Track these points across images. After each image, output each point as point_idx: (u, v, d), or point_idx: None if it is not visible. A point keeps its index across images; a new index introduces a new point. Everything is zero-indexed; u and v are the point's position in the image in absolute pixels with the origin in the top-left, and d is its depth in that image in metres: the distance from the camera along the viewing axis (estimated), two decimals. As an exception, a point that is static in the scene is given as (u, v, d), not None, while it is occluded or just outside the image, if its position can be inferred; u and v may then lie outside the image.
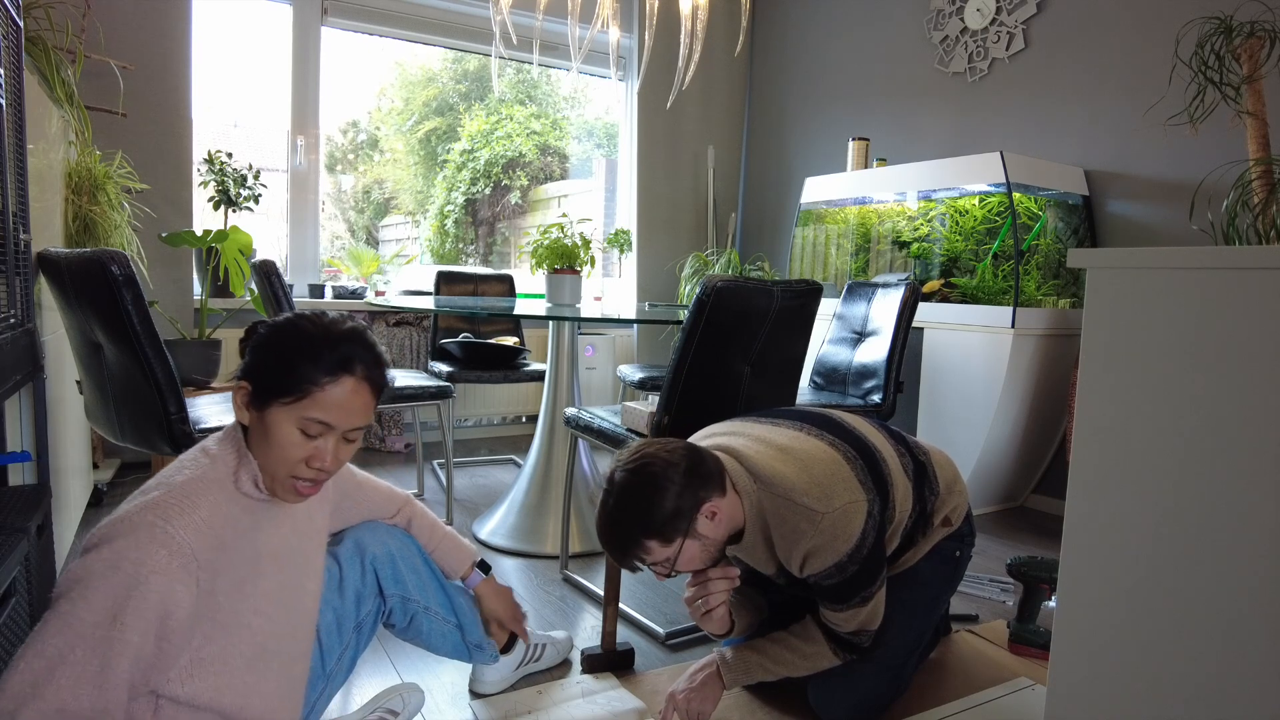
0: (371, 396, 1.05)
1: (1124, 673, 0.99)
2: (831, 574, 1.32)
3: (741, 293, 1.74)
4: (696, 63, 2.73)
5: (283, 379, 1.00)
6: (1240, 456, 0.88)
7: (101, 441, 2.93)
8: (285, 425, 1.00)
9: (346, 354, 1.02)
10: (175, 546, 0.91)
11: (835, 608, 1.38)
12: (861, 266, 3.47)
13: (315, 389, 1.00)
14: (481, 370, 3.08)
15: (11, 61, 1.49)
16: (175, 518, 0.93)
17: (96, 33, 2.77)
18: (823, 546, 1.30)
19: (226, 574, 0.99)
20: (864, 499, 1.34)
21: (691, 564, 1.33)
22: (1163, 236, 2.77)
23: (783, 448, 1.39)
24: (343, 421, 1.02)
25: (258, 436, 1.03)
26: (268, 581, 1.06)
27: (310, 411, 1.00)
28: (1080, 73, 2.98)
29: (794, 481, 1.32)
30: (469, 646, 1.42)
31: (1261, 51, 1.22)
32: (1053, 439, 3.01)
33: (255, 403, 1.02)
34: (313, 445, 1.02)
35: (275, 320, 1.06)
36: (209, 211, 3.16)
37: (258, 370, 1.02)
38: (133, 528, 0.91)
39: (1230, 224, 1.17)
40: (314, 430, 1.01)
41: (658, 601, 2.06)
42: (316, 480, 1.05)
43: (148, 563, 0.89)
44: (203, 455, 1.03)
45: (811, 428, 1.45)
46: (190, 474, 0.99)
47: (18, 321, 1.51)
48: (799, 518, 1.30)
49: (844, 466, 1.36)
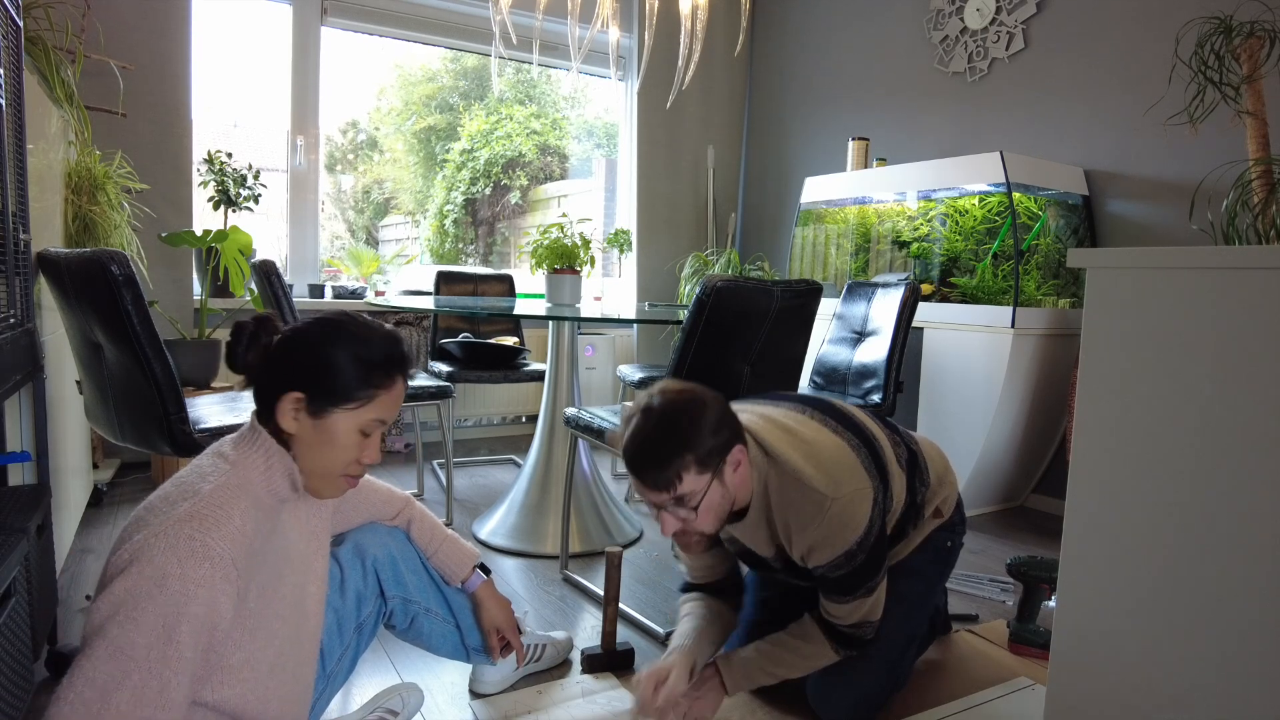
0: (406, 388, 1.12)
1: (1124, 673, 0.99)
2: (840, 564, 1.29)
3: (741, 292, 1.74)
4: (696, 63, 2.73)
5: (349, 386, 1.02)
6: (1240, 456, 0.88)
7: (101, 441, 2.93)
8: (349, 429, 1.04)
9: (399, 355, 1.08)
10: (216, 559, 0.90)
11: (840, 600, 1.34)
12: (861, 266, 3.47)
13: (380, 392, 1.04)
14: (481, 370, 3.08)
15: (11, 61, 1.49)
16: (212, 529, 0.91)
17: (96, 32, 2.77)
18: (830, 536, 1.27)
19: (256, 579, 1.00)
20: (870, 486, 1.31)
21: (709, 514, 1.27)
22: (1163, 236, 2.77)
23: (788, 429, 1.35)
24: (392, 415, 1.08)
25: (308, 441, 1.03)
26: (286, 584, 1.07)
27: (373, 413, 1.04)
28: (1080, 72, 2.98)
29: (801, 464, 1.29)
30: (468, 649, 1.42)
31: (1261, 51, 1.22)
32: (1053, 439, 3.01)
33: (312, 409, 1.02)
34: (367, 442, 1.06)
35: (314, 326, 1.05)
36: (209, 211, 3.16)
37: (313, 378, 1.02)
38: (172, 544, 0.89)
39: (1230, 224, 1.17)
40: (372, 429, 1.06)
41: (658, 601, 2.06)
42: (362, 473, 1.10)
43: (192, 577, 0.87)
44: (223, 462, 1.02)
45: (815, 412, 1.41)
46: (216, 482, 0.98)
47: (18, 321, 1.51)
48: (806, 501, 1.27)
49: (849, 453, 1.33)
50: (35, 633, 1.34)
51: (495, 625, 1.43)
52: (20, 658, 1.21)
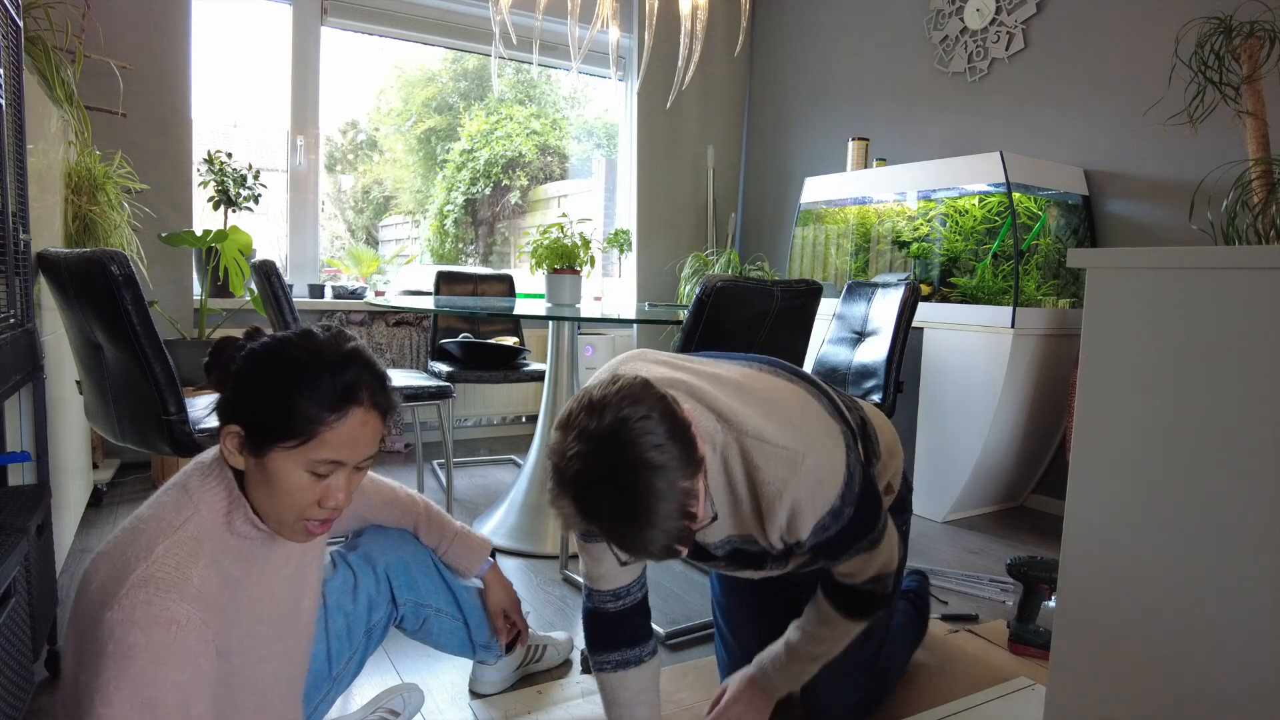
0: (381, 423, 0.93)
1: (1124, 673, 0.99)
2: (826, 525, 1.10)
3: (741, 293, 1.74)
4: (696, 63, 2.73)
5: (282, 421, 0.87)
6: (1240, 456, 0.88)
7: (101, 441, 2.93)
8: (291, 470, 0.88)
9: (351, 381, 0.89)
10: (182, 621, 0.82)
11: (839, 560, 1.20)
12: (861, 266, 3.47)
13: (322, 428, 0.87)
14: (481, 370, 3.08)
15: (11, 61, 1.49)
16: (169, 591, 0.82)
17: (96, 33, 2.77)
18: (809, 496, 1.09)
19: (234, 631, 0.91)
20: (839, 431, 1.14)
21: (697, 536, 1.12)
22: (1163, 236, 2.77)
23: (739, 386, 1.15)
24: (354, 456, 0.91)
25: (257, 482, 0.90)
26: (267, 625, 0.97)
27: (319, 453, 0.88)
28: (1080, 72, 2.98)
29: (762, 424, 1.09)
30: (475, 645, 1.42)
31: (1261, 51, 1.22)
32: (1053, 439, 3.01)
33: (251, 448, 0.88)
34: (324, 485, 0.91)
35: (257, 348, 0.91)
36: (209, 211, 3.17)
37: (247, 410, 0.89)
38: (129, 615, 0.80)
39: (1230, 224, 1.17)
40: (324, 470, 0.90)
41: (657, 601, 2.06)
42: (329, 519, 0.94)
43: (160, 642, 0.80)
44: (185, 499, 0.91)
45: (762, 364, 1.23)
46: (171, 537, 0.86)
47: (17, 321, 1.51)
48: (777, 463, 1.08)
49: (811, 401, 1.16)
50: (35, 633, 1.35)
51: (501, 608, 1.42)
52: (20, 658, 1.21)
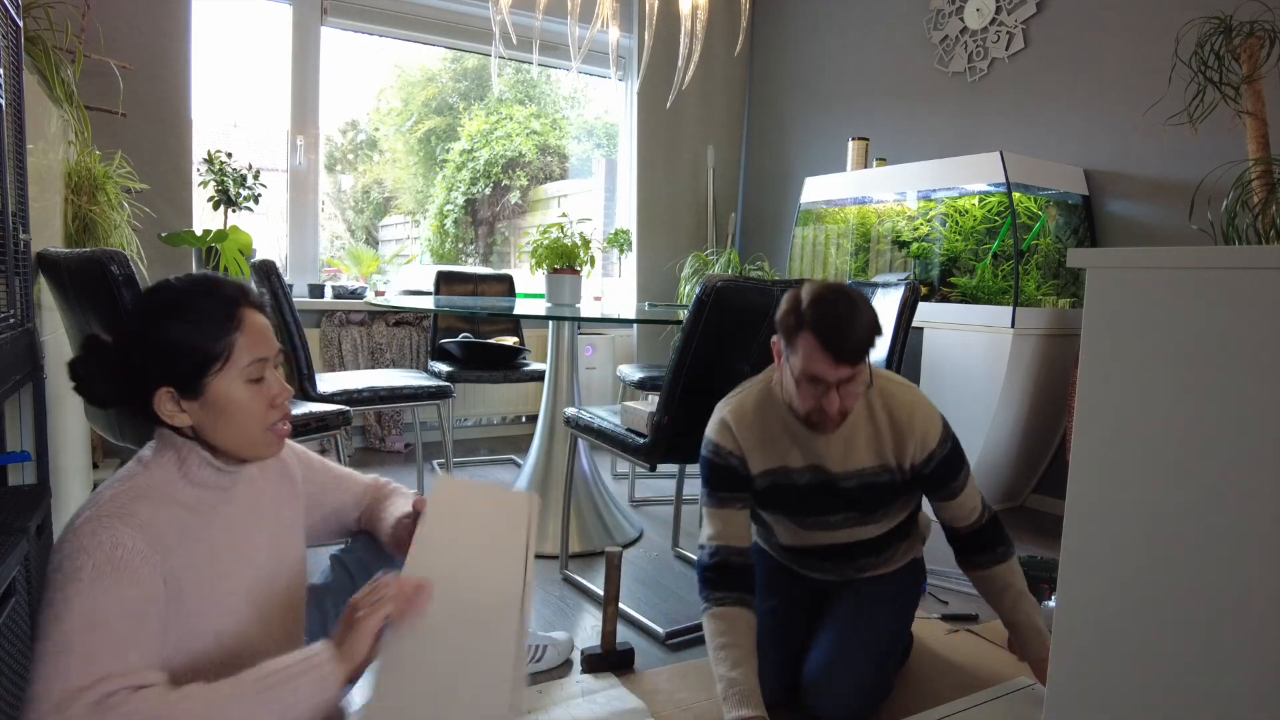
0: (264, 317, 1.05)
1: (1124, 673, 0.99)
2: (945, 440, 1.52)
3: (741, 292, 1.74)
4: (696, 63, 2.73)
5: (200, 355, 0.97)
6: (1240, 456, 0.88)
7: (101, 441, 2.93)
8: (232, 388, 0.99)
9: (223, 295, 1.01)
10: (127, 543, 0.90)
11: (959, 487, 1.55)
12: (861, 266, 3.47)
13: (232, 338, 0.99)
14: (481, 370, 3.08)
15: (11, 61, 1.49)
16: (116, 523, 0.91)
17: (96, 32, 2.77)
18: (930, 415, 1.51)
19: (187, 578, 0.97)
20: None
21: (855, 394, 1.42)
22: (1162, 236, 2.77)
23: None
24: (269, 348, 1.03)
25: (211, 420, 1.00)
26: (234, 581, 1.04)
27: (242, 359, 0.99)
28: (1080, 72, 2.98)
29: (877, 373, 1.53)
30: None
31: (1261, 51, 1.22)
32: (1053, 439, 3.01)
33: (186, 394, 0.98)
34: (264, 388, 1.02)
35: (132, 320, 1.02)
36: (209, 211, 3.16)
37: (166, 365, 0.98)
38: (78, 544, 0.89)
39: (1230, 224, 1.17)
40: (256, 373, 1.01)
41: (657, 601, 2.06)
42: (286, 414, 1.05)
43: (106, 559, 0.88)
44: (137, 465, 1.01)
45: None
46: (117, 489, 0.96)
47: (17, 321, 1.51)
48: (905, 391, 1.53)
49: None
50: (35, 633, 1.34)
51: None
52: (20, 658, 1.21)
